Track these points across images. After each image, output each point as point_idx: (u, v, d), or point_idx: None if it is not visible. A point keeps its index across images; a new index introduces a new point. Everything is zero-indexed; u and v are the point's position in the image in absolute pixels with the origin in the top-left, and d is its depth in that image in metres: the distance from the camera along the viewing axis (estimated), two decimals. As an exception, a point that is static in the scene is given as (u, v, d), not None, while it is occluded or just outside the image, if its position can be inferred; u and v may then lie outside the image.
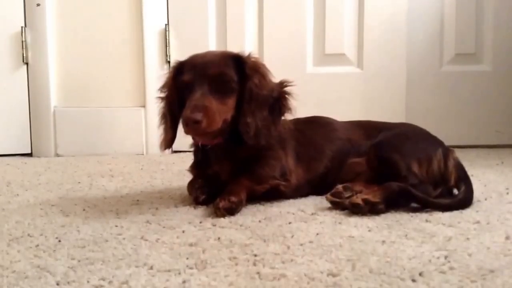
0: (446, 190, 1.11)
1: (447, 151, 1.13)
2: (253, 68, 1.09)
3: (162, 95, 1.15)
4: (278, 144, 1.14)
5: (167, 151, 1.20)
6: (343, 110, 2.00)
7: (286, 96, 1.12)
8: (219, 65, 1.06)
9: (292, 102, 1.12)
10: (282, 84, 1.13)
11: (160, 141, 1.15)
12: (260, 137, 1.07)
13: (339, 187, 1.07)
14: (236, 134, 1.07)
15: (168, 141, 1.13)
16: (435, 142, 1.16)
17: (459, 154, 1.17)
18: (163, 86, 1.15)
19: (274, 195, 1.12)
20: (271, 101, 1.09)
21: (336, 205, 1.04)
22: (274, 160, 1.11)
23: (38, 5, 1.99)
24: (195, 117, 0.98)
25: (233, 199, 1.00)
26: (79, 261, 0.74)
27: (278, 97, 1.10)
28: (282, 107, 1.11)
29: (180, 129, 1.07)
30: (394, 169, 1.07)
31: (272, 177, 1.10)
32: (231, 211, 0.99)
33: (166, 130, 1.14)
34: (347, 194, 1.05)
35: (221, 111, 1.03)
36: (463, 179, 1.10)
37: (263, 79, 1.09)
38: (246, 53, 1.12)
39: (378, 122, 1.31)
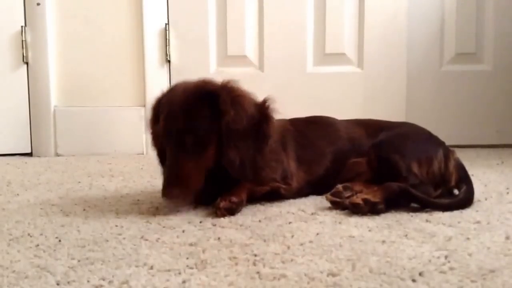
0: (446, 190, 1.11)
1: (448, 152, 1.13)
2: (227, 101, 1.01)
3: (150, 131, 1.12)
4: (280, 146, 1.13)
5: None
6: (343, 109, 2.00)
7: (269, 119, 1.06)
8: (190, 116, 1.00)
9: (273, 122, 1.06)
10: (263, 106, 1.06)
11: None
12: (246, 170, 1.03)
13: (339, 187, 1.07)
14: None
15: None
16: (436, 142, 1.16)
17: (459, 154, 1.17)
18: (148, 122, 1.12)
19: (274, 197, 1.11)
20: (253, 128, 1.04)
21: (336, 205, 1.04)
22: (276, 162, 1.10)
23: (38, 4, 1.99)
24: (172, 195, 0.98)
25: (234, 199, 1.00)
26: (79, 260, 0.74)
27: (260, 122, 1.05)
28: (266, 131, 1.05)
29: None
30: (394, 169, 1.07)
31: (273, 180, 1.09)
32: (231, 211, 0.99)
33: (160, 164, 1.12)
34: (347, 194, 1.05)
35: (200, 166, 1.01)
36: (464, 180, 1.10)
37: (240, 110, 1.02)
38: (219, 82, 1.05)
39: (379, 121, 1.31)
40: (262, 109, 1.06)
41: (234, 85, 1.05)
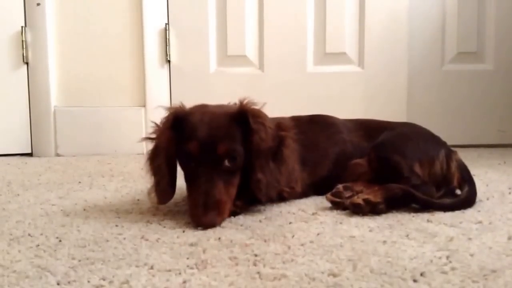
0: (448, 191, 1.10)
1: (450, 152, 1.13)
2: (256, 120, 1.00)
3: (160, 145, 1.02)
4: None
5: None
6: (344, 109, 1.98)
7: (287, 141, 1.04)
8: (228, 140, 0.97)
9: (292, 144, 1.06)
10: (280, 128, 1.05)
11: (156, 199, 1.01)
12: (271, 191, 1.01)
13: (340, 187, 1.06)
14: None
15: (168, 199, 1.02)
16: (437, 143, 1.16)
17: (461, 154, 1.16)
18: (159, 136, 1.03)
19: (277, 199, 1.10)
20: (273, 148, 1.02)
21: (337, 205, 1.04)
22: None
23: (38, 4, 1.99)
24: (213, 223, 0.92)
25: (238, 202, 1.00)
26: (79, 260, 0.74)
27: (279, 145, 1.03)
28: (285, 152, 1.03)
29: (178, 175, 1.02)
30: (396, 170, 1.07)
31: None
32: (234, 213, 0.99)
33: (163, 187, 1.01)
34: (347, 194, 1.05)
35: (232, 190, 0.98)
36: (467, 180, 1.10)
37: (266, 130, 1.01)
38: (243, 102, 1.02)
39: (381, 121, 1.30)
40: (280, 131, 1.04)
41: (256, 108, 1.03)
